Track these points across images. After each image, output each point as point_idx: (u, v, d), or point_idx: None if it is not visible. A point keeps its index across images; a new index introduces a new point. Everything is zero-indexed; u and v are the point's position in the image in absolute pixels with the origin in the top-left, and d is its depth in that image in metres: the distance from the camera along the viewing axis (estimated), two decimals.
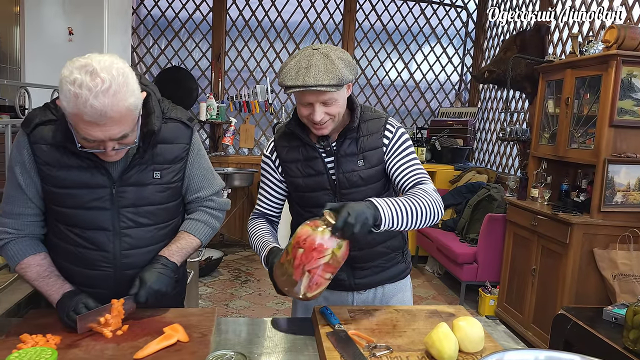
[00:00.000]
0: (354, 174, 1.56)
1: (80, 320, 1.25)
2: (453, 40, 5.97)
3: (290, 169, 1.63)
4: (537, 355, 1.06)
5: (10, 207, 1.40)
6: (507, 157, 5.13)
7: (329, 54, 1.44)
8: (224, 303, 4.09)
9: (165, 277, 1.40)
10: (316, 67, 1.41)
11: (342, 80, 1.43)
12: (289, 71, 1.43)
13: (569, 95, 3.37)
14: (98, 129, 1.19)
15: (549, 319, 2.97)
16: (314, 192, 1.61)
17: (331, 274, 1.30)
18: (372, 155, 1.57)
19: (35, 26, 4.13)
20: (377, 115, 1.61)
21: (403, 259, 1.74)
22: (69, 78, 1.14)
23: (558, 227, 3.20)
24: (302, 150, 1.61)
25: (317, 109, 1.46)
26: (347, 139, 1.57)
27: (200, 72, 5.63)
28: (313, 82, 1.40)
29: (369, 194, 1.56)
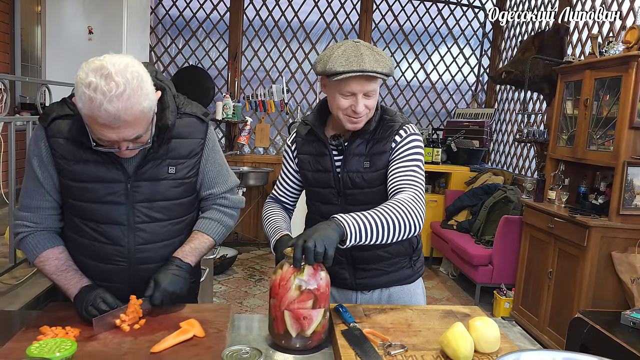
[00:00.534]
0: (357, 174, 1.56)
1: (96, 322, 1.26)
2: (470, 41, 5.93)
3: (302, 162, 1.67)
4: (555, 356, 1.05)
5: (28, 201, 1.42)
6: (524, 159, 5.08)
7: (369, 46, 1.46)
8: (238, 301, 4.11)
9: (179, 279, 1.41)
10: (367, 55, 1.43)
11: (391, 70, 1.46)
12: (338, 58, 1.43)
13: (588, 96, 3.33)
14: (112, 131, 1.21)
15: (565, 323, 2.94)
16: (321, 188, 1.63)
17: (312, 300, 1.25)
18: (379, 158, 1.56)
19: (56, 25, 4.19)
20: (395, 119, 1.59)
21: (410, 264, 1.71)
22: (84, 81, 1.16)
23: (575, 230, 3.16)
24: (315, 145, 1.63)
25: (359, 99, 1.46)
26: (358, 138, 1.57)
27: (217, 72, 5.67)
28: (370, 68, 1.41)
29: (371, 197, 1.56)
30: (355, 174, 1.56)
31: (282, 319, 1.25)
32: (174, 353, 1.18)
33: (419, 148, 1.57)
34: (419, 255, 1.76)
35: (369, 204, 1.54)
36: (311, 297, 1.25)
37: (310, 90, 5.76)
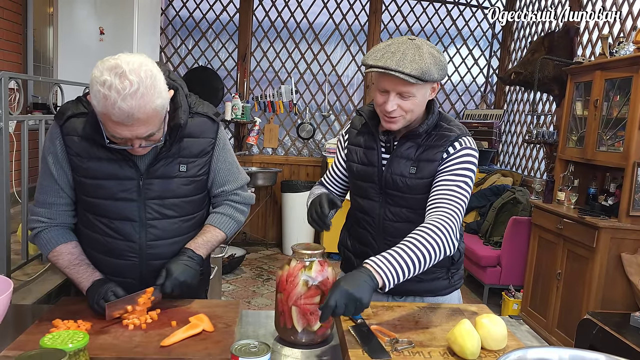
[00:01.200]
0: (401, 178, 1.52)
1: (108, 307, 1.29)
2: (479, 42, 5.91)
3: (351, 152, 1.65)
4: (561, 353, 1.05)
5: (43, 197, 1.45)
6: (533, 160, 5.06)
7: (422, 46, 1.39)
8: (246, 300, 4.13)
9: (190, 269, 1.43)
10: (403, 53, 1.36)
11: (425, 75, 1.36)
12: (376, 52, 1.40)
13: (598, 97, 3.31)
14: (125, 129, 1.23)
15: (573, 324, 2.93)
16: (364, 181, 1.61)
17: (319, 295, 1.26)
18: (427, 166, 1.50)
19: (68, 26, 4.24)
20: (452, 129, 1.52)
21: (447, 276, 1.66)
22: (99, 79, 1.18)
23: (585, 231, 3.15)
24: (366, 138, 1.60)
25: (391, 98, 1.41)
26: (409, 141, 1.52)
27: (226, 72, 5.70)
28: (394, 66, 1.35)
29: (412, 203, 1.53)
30: (399, 177, 1.52)
31: (289, 313, 1.26)
32: (183, 347, 1.19)
33: (471, 164, 1.49)
34: (458, 268, 1.71)
35: (409, 208, 1.56)
36: (318, 292, 1.26)
37: (319, 91, 5.78)
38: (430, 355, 1.21)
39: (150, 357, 1.12)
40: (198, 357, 1.15)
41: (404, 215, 1.57)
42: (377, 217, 1.60)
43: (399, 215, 1.57)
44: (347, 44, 5.77)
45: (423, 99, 1.46)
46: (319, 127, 5.80)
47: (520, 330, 1.48)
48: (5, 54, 4.02)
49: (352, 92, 5.86)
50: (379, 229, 1.61)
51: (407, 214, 1.56)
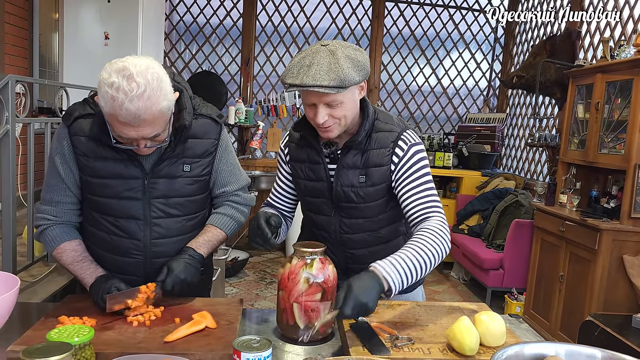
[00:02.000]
0: (352, 189, 1.49)
1: (109, 299, 1.31)
2: (482, 46, 5.94)
3: (295, 168, 1.61)
4: (557, 348, 1.07)
5: (50, 195, 1.48)
6: (536, 164, 5.07)
7: (336, 51, 1.33)
8: (249, 303, 4.14)
9: (191, 268, 1.45)
10: (318, 65, 1.32)
11: (345, 82, 1.32)
12: (292, 68, 1.35)
13: (599, 100, 3.33)
14: (132, 129, 1.26)
15: (576, 327, 2.93)
16: (315, 197, 1.57)
17: (320, 293, 1.28)
18: (376, 172, 1.48)
19: (73, 31, 4.29)
20: (391, 128, 1.49)
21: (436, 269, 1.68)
22: (107, 80, 1.21)
23: (587, 233, 3.15)
24: (308, 152, 1.55)
25: (320, 110, 1.38)
26: (353, 149, 1.49)
27: (230, 77, 5.74)
28: (311, 82, 1.30)
29: (367, 212, 1.53)
30: (349, 188, 1.49)
31: (291, 310, 1.28)
32: (186, 342, 1.21)
33: (424, 160, 1.49)
34: None
35: (364, 218, 1.54)
36: (319, 290, 1.28)
37: None
38: (430, 351, 1.23)
39: (154, 353, 1.14)
40: (201, 353, 1.17)
41: (361, 226, 1.56)
42: (333, 232, 1.58)
43: (355, 227, 1.56)
44: None
45: (352, 103, 1.42)
46: None
47: (519, 328, 1.49)
48: (11, 59, 4.08)
49: None
50: (336, 242, 1.59)
51: (364, 223, 1.55)
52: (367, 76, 1.41)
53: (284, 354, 1.26)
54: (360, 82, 1.39)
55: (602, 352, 1.05)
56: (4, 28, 3.96)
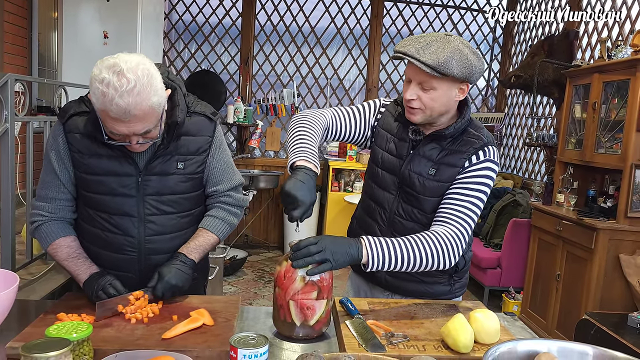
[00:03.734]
0: (419, 177, 1.51)
1: (99, 307, 1.31)
2: (480, 46, 5.96)
3: (380, 137, 1.61)
4: (550, 345, 1.08)
5: (45, 192, 1.49)
6: (534, 163, 5.09)
7: (452, 42, 1.38)
8: (247, 302, 4.15)
9: (182, 274, 1.46)
10: (427, 44, 1.37)
11: (441, 67, 1.34)
12: (406, 40, 1.42)
13: (596, 99, 3.34)
14: (123, 125, 1.27)
15: (573, 325, 2.95)
16: (385, 171, 1.59)
17: (316, 291, 1.29)
18: (447, 170, 1.49)
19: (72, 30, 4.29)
20: (479, 137, 1.50)
21: (449, 283, 1.65)
22: (98, 77, 1.23)
23: (583, 233, 3.17)
24: (399, 128, 1.57)
25: (411, 86, 1.43)
26: (434, 142, 1.51)
27: (229, 76, 5.75)
28: (412, 53, 1.36)
29: (424, 205, 1.52)
30: (417, 175, 1.51)
31: (287, 308, 1.30)
32: (184, 339, 1.22)
33: (489, 179, 1.47)
34: (462, 276, 1.68)
35: (420, 210, 1.54)
36: (315, 288, 1.29)
37: (320, 94, 5.82)
38: (425, 348, 1.24)
39: (152, 349, 1.15)
40: (198, 349, 1.18)
41: (415, 216, 1.55)
42: (389, 211, 1.59)
43: (410, 215, 1.56)
44: (348, 47, 5.81)
45: (445, 97, 1.43)
46: None
47: (514, 326, 1.50)
48: (11, 58, 4.08)
49: (354, 96, 5.90)
50: (388, 223, 1.59)
51: (418, 215, 1.55)
52: (469, 78, 1.41)
53: (280, 350, 1.28)
54: (460, 78, 1.39)
55: (594, 349, 1.06)
56: (3, 27, 3.97)
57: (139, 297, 1.38)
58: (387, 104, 1.64)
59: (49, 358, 0.89)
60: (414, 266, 1.38)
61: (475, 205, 1.45)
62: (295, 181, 1.28)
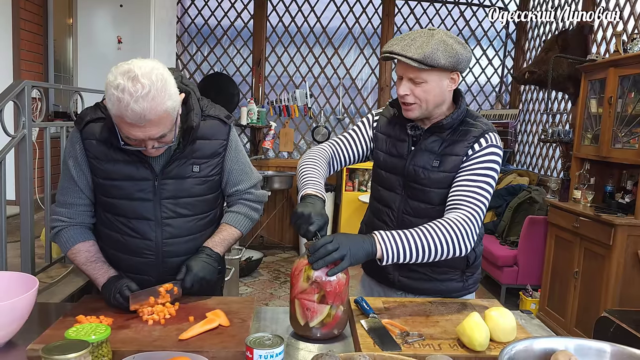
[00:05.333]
0: (424, 170, 1.53)
1: (132, 297, 1.36)
2: (493, 42, 5.90)
3: (379, 140, 1.65)
4: (567, 343, 1.07)
5: (64, 198, 1.52)
6: (550, 159, 5.03)
7: (436, 35, 1.41)
8: (263, 302, 4.17)
9: (209, 266, 1.50)
10: (412, 40, 1.41)
11: (427, 59, 1.38)
12: (392, 40, 1.46)
13: (612, 94, 3.30)
14: (138, 130, 1.29)
15: (591, 323, 2.91)
16: (390, 173, 1.61)
17: (318, 294, 1.28)
18: (451, 160, 1.50)
19: (87, 36, 4.36)
20: (478, 125, 1.52)
21: (462, 279, 1.65)
22: (113, 83, 1.25)
23: (601, 229, 3.13)
24: (396, 128, 1.60)
25: (403, 83, 1.47)
26: (434, 135, 1.54)
27: (242, 78, 5.78)
28: (398, 51, 1.41)
29: (432, 198, 1.54)
30: (421, 169, 1.53)
31: (294, 305, 1.32)
32: (200, 340, 1.24)
33: (495, 163, 1.49)
34: (474, 272, 1.69)
35: (428, 203, 1.55)
36: (317, 291, 1.29)
37: (333, 94, 5.82)
38: (440, 347, 1.24)
39: (169, 350, 1.17)
40: (214, 350, 1.19)
41: (423, 211, 1.56)
42: (396, 210, 1.61)
43: (418, 211, 1.57)
44: (360, 47, 5.81)
45: (437, 88, 1.46)
46: (333, 130, 5.84)
47: (531, 324, 1.49)
48: (27, 64, 4.15)
49: (367, 95, 5.89)
50: (397, 222, 1.61)
51: (426, 209, 1.56)
52: (457, 67, 1.44)
53: (296, 351, 1.28)
54: (448, 68, 1.42)
55: (611, 346, 1.05)
56: (19, 34, 4.03)
57: (168, 289, 1.41)
58: (381, 111, 1.70)
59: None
60: (429, 255, 1.37)
61: (484, 189, 1.46)
62: (305, 204, 1.36)
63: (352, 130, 1.70)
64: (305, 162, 1.58)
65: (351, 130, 1.70)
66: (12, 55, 4.01)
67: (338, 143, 1.68)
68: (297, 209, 1.33)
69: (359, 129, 1.70)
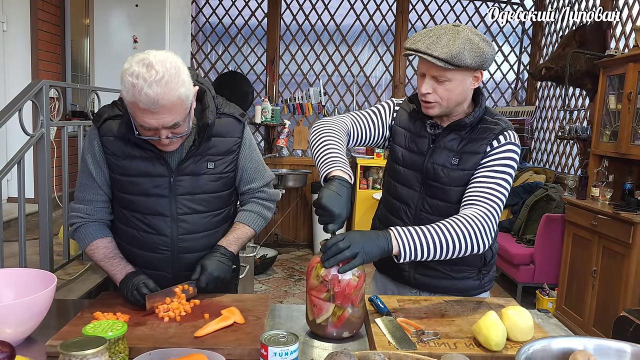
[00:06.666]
0: (443, 169, 1.51)
1: (148, 299, 1.36)
2: (509, 38, 5.84)
3: (398, 135, 1.61)
4: (586, 342, 1.06)
5: (82, 194, 1.55)
6: (567, 157, 4.96)
7: (462, 32, 1.38)
8: (278, 300, 4.18)
9: (224, 265, 1.51)
10: (438, 37, 1.37)
11: (454, 59, 1.35)
12: (416, 36, 1.43)
13: (631, 90, 3.24)
14: (152, 117, 1.30)
15: (610, 322, 2.86)
16: (407, 168, 1.59)
17: (325, 293, 1.27)
18: (471, 158, 1.49)
19: (103, 36, 4.41)
20: (497, 122, 1.50)
21: (478, 277, 1.64)
22: (128, 70, 1.28)
23: (620, 227, 3.08)
24: (416, 124, 1.58)
25: (425, 81, 1.43)
26: (453, 132, 1.52)
27: (256, 76, 5.80)
28: (424, 49, 1.37)
29: (451, 196, 1.52)
30: (440, 167, 1.51)
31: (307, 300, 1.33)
32: (215, 337, 1.24)
33: (513, 161, 1.47)
34: (490, 269, 1.67)
35: (447, 202, 1.53)
36: (325, 289, 1.28)
37: (347, 92, 5.81)
38: (456, 346, 1.23)
39: (185, 347, 1.17)
40: (230, 347, 1.19)
41: (441, 210, 1.54)
42: (414, 208, 1.58)
43: (436, 209, 1.55)
44: (374, 44, 5.78)
45: (461, 87, 1.43)
46: None
47: (548, 323, 1.47)
48: (45, 65, 4.20)
49: (381, 93, 5.87)
50: (415, 220, 1.58)
51: (444, 208, 1.54)
52: (483, 66, 1.42)
53: (311, 348, 1.28)
54: (473, 67, 1.40)
55: (632, 346, 1.03)
56: (37, 35, 4.09)
57: (184, 289, 1.43)
58: (401, 103, 1.66)
59: (86, 356, 0.92)
60: (447, 252, 1.34)
61: (502, 186, 1.44)
62: (332, 193, 1.28)
63: (371, 111, 1.64)
64: (325, 131, 1.49)
65: (370, 111, 1.64)
66: (30, 55, 4.06)
67: (359, 118, 1.62)
68: (322, 198, 1.26)
69: (379, 112, 1.64)
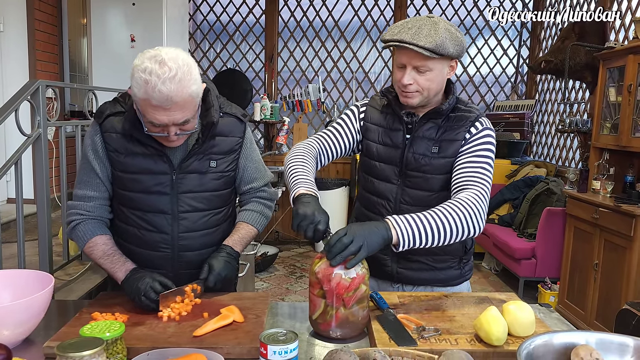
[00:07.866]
0: (424, 158, 1.53)
1: (162, 298, 1.36)
2: (508, 32, 5.81)
3: (370, 131, 1.63)
4: (588, 337, 1.05)
5: (82, 191, 1.53)
6: (567, 150, 4.95)
7: (439, 23, 1.42)
8: (279, 297, 4.18)
9: (230, 265, 1.52)
10: (419, 28, 1.40)
11: (439, 48, 1.39)
12: (394, 28, 1.45)
13: (631, 82, 3.23)
14: (163, 113, 1.30)
15: (612, 316, 2.86)
16: (384, 163, 1.59)
17: (319, 289, 1.26)
18: (450, 145, 1.52)
19: (100, 35, 4.40)
20: (471, 110, 1.55)
21: (459, 266, 1.66)
22: (140, 67, 1.27)
23: (622, 220, 3.07)
24: (388, 118, 1.60)
25: (407, 71, 1.45)
26: (430, 121, 1.54)
27: (254, 74, 5.78)
28: (409, 39, 1.39)
29: (433, 184, 1.53)
30: (421, 156, 1.53)
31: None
32: (215, 336, 1.24)
33: (491, 145, 1.51)
34: (470, 258, 1.70)
35: (427, 191, 1.55)
36: (319, 287, 1.27)
37: (346, 88, 5.79)
38: (457, 341, 1.22)
39: (184, 347, 1.17)
40: (229, 346, 1.19)
41: (422, 199, 1.55)
42: (394, 200, 1.59)
43: (417, 199, 1.56)
44: (373, 40, 5.77)
45: (440, 76, 1.47)
46: None
47: (550, 318, 1.47)
48: (43, 65, 4.19)
49: (380, 88, 5.84)
50: (395, 213, 1.55)
51: (425, 197, 1.55)
52: (460, 56, 1.47)
53: (312, 347, 1.27)
54: (454, 56, 1.45)
55: (635, 340, 1.02)
56: (34, 35, 4.07)
57: (194, 288, 1.43)
58: (367, 102, 1.68)
59: (83, 357, 0.91)
60: (444, 236, 1.33)
61: (487, 170, 1.48)
62: (302, 203, 1.34)
63: (337, 124, 1.68)
64: (293, 160, 1.54)
65: (336, 124, 1.68)
66: (27, 55, 4.05)
67: (324, 137, 1.65)
68: (297, 210, 1.32)
69: (344, 122, 1.67)
